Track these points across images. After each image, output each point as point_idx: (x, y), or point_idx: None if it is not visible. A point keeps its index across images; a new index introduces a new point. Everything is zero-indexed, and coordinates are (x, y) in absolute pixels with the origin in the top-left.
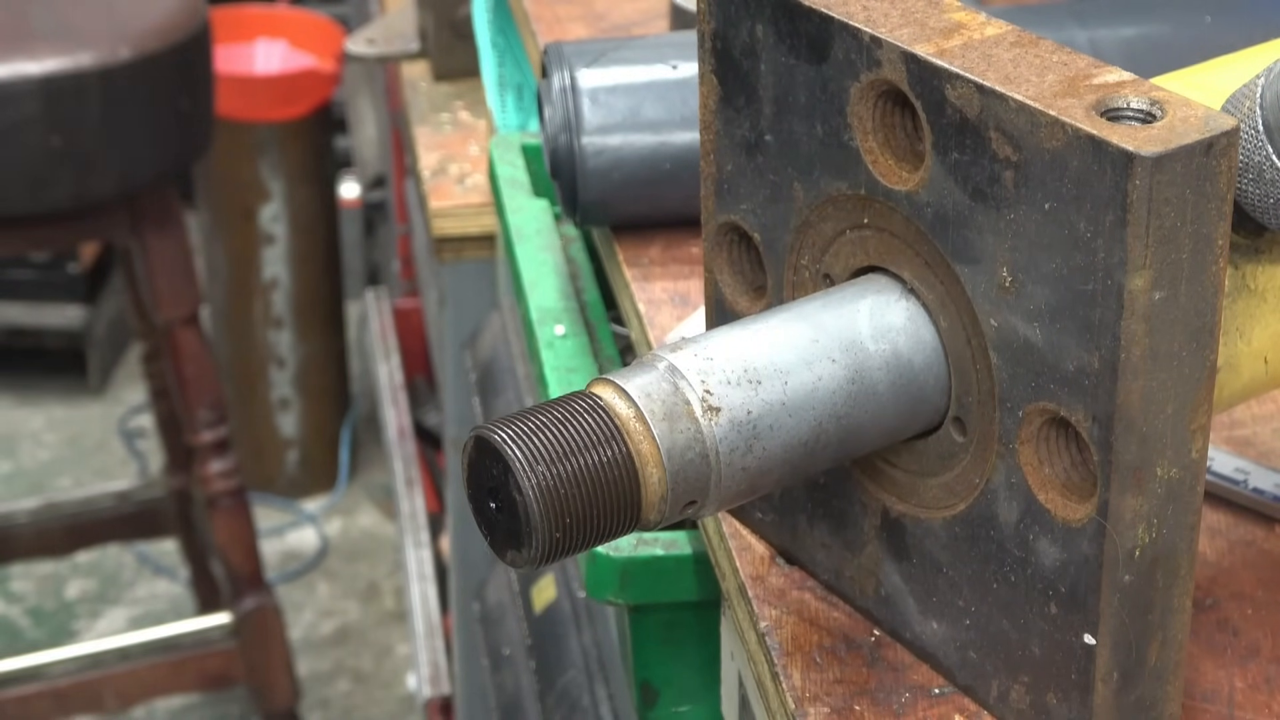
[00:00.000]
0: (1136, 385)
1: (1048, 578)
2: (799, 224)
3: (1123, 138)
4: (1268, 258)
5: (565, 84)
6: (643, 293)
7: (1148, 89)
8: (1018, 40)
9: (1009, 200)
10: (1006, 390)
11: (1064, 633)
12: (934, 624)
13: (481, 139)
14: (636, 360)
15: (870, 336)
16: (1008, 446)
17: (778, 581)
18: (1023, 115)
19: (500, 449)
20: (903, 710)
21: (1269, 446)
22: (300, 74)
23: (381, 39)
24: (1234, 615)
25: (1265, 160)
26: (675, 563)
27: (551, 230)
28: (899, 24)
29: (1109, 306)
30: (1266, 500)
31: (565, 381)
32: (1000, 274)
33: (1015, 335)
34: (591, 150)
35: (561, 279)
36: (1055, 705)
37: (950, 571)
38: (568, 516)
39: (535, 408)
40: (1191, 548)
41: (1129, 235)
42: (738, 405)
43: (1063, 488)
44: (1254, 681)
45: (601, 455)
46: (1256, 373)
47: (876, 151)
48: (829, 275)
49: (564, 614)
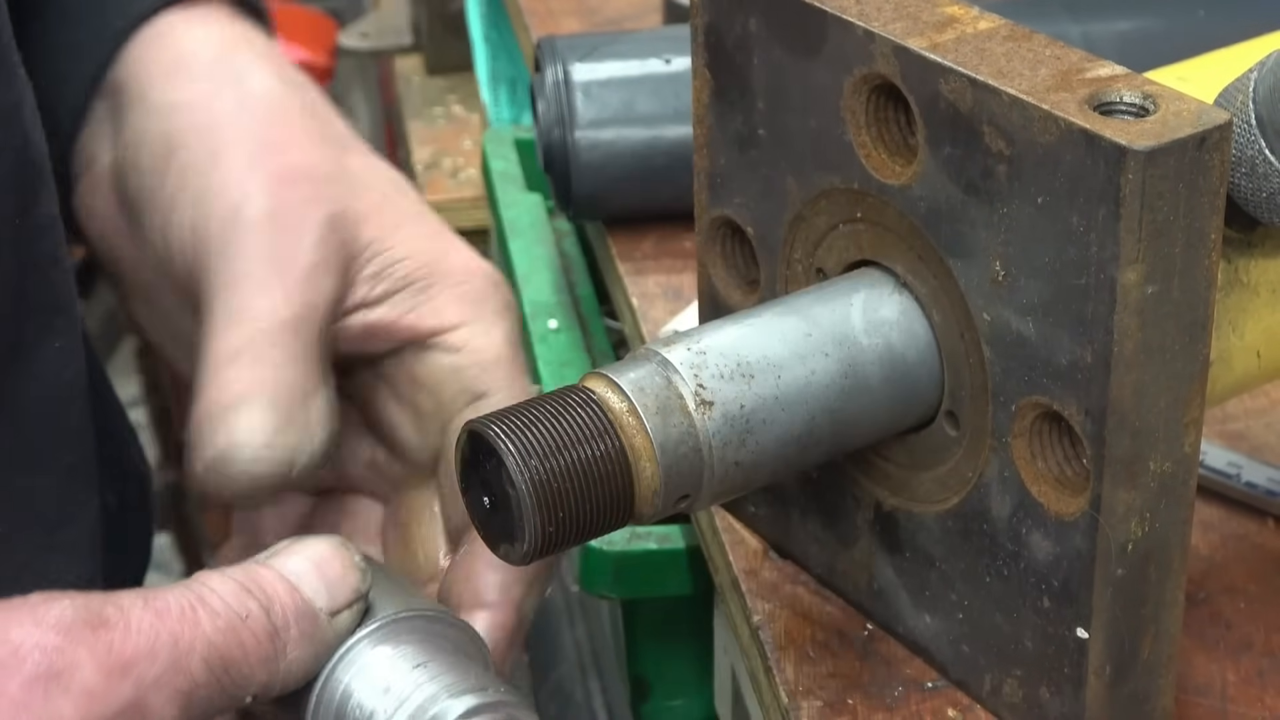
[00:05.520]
0: (1129, 379)
1: (1040, 571)
2: (792, 218)
3: (1115, 132)
4: (1260, 252)
5: (558, 78)
6: (636, 287)
7: (1141, 83)
8: (1011, 34)
9: (1002, 194)
10: (999, 384)
11: (1057, 626)
12: (927, 618)
13: (475, 133)
14: (630, 354)
15: (863, 330)
16: (1001, 440)
17: (771, 575)
18: (1016, 109)
19: (494, 443)
20: (896, 704)
21: (1262, 440)
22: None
23: (374, 33)
24: (1227, 609)
25: (1258, 154)
26: (668, 557)
27: (544, 224)
28: (892, 18)
29: (1101, 300)
30: (1259, 494)
31: (558, 376)
32: (993, 268)
33: (1008, 329)
34: (585, 144)
35: (554, 273)
36: (1048, 699)
37: (943, 565)
38: (561, 510)
39: (528, 402)
40: (1184, 542)
41: (1122, 229)
42: (731, 399)
43: (1056, 482)
44: (1246, 675)
45: (595, 449)
46: (1249, 367)
47: (869, 146)
48: (822, 269)
49: (557, 607)
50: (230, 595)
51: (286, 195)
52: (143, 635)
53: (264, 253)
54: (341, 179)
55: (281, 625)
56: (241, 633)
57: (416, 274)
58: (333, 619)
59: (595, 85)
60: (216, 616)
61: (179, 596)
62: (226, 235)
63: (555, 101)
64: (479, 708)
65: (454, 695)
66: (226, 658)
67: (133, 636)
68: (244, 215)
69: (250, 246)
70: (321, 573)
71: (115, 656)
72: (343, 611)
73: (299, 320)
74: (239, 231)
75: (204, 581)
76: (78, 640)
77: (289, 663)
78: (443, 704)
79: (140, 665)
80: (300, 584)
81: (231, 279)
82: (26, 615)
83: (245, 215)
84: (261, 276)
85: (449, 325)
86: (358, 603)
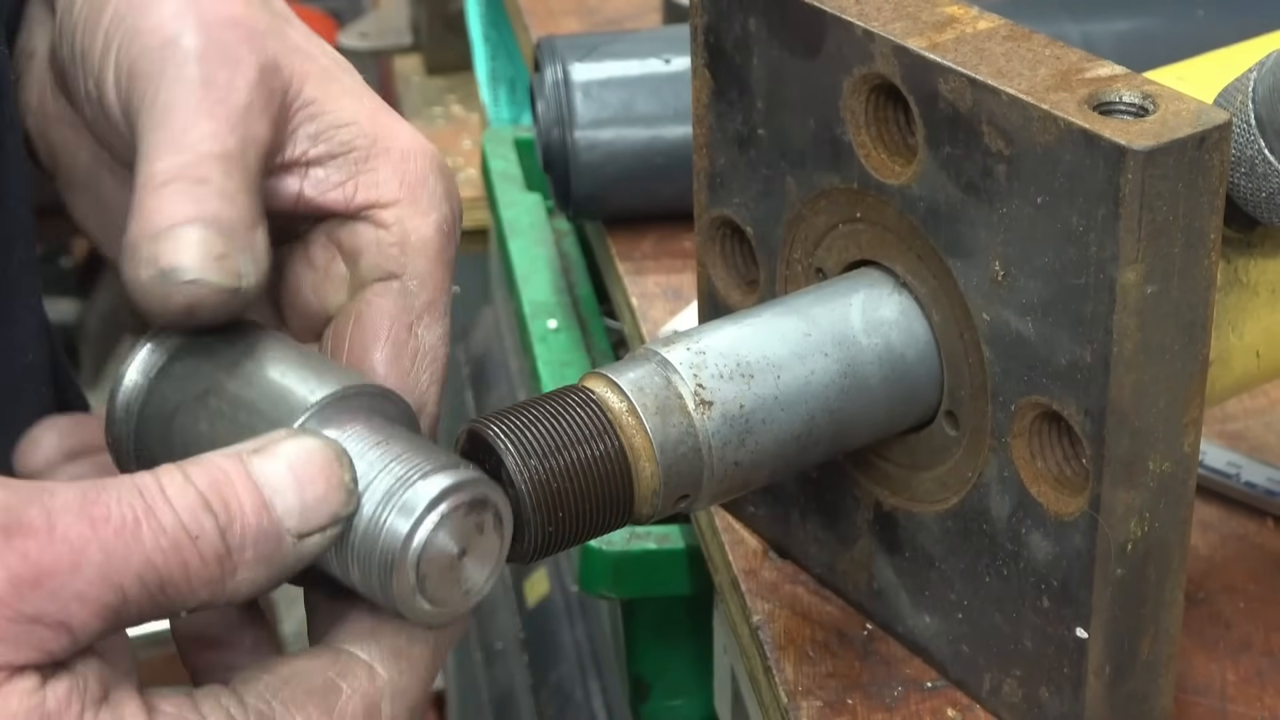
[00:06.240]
0: (1129, 379)
1: (1040, 571)
2: (791, 218)
3: (1115, 132)
4: (1260, 251)
5: (558, 78)
6: (635, 287)
7: (1140, 83)
8: (1010, 34)
9: (1001, 194)
10: (999, 384)
11: (1056, 626)
12: (926, 618)
13: (474, 133)
14: (629, 354)
15: (863, 330)
16: (1000, 440)
17: (770, 575)
18: (1015, 109)
19: (493, 443)
20: (895, 704)
21: (1261, 440)
22: None
23: (374, 33)
24: (1226, 609)
25: (1257, 154)
26: (668, 557)
27: (544, 224)
28: (891, 18)
29: (1101, 300)
30: (1259, 494)
31: (558, 376)
32: (992, 268)
33: (1007, 329)
34: (584, 144)
35: (554, 273)
36: (1048, 699)
37: (943, 565)
38: (560, 510)
39: (528, 402)
40: (1184, 541)
41: (1121, 229)
42: (730, 399)
43: (1055, 481)
44: (1246, 675)
45: (594, 449)
46: (1248, 366)
47: (869, 145)
48: (821, 269)
49: (557, 608)
50: (185, 509)
51: (221, 36)
52: (67, 545)
53: (200, 84)
54: (280, 36)
55: (236, 547)
56: (186, 553)
57: (358, 142)
58: (299, 541)
59: (595, 85)
60: (161, 533)
61: (124, 503)
62: (160, 69)
63: (555, 101)
64: (451, 489)
65: (424, 476)
66: (165, 577)
67: (54, 545)
68: (178, 50)
69: (185, 78)
70: (301, 489)
71: (29, 566)
72: (313, 535)
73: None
74: (173, 65)
75: (163, 485)
76: None
77: (236, 583)
78: (415, 486)
79: (60, 577)
80: (273, 500)
81: (168, 108)
82: None
83: (179, 49)
84: (197, 106)
85: (384, 201)
86: (332, 528)
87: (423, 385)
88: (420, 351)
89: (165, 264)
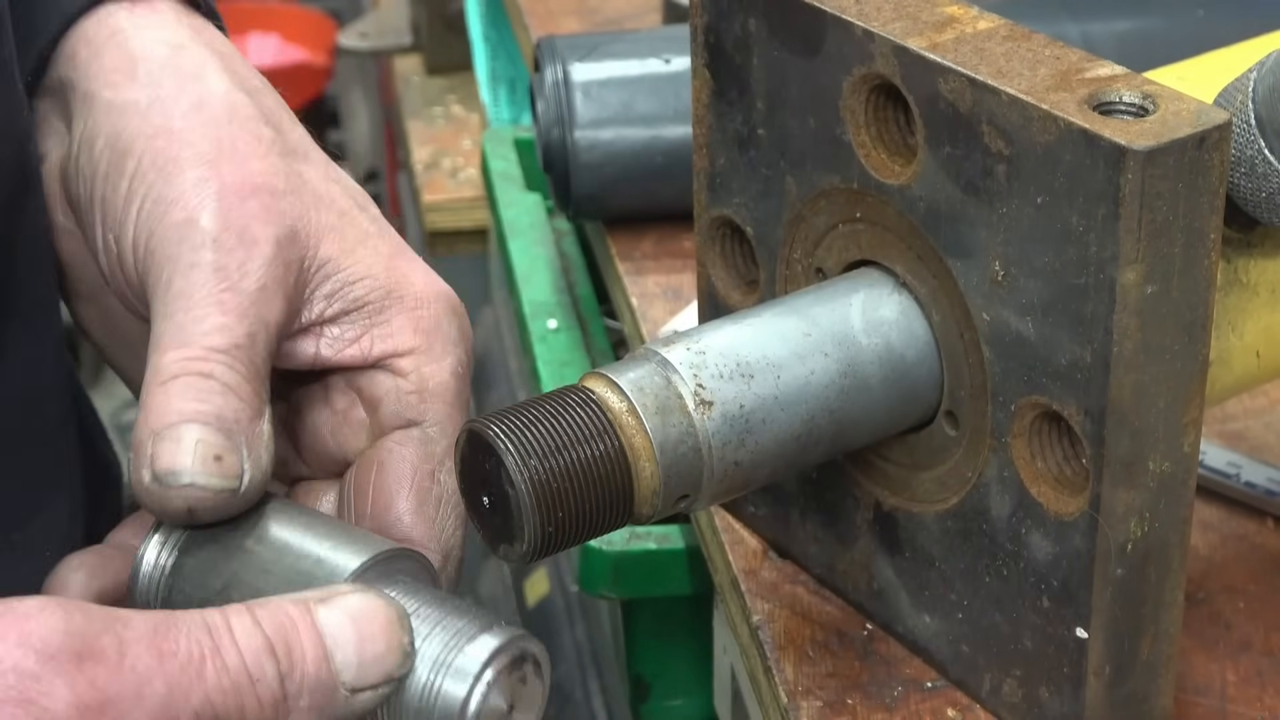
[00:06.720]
0: (1129, 379)
1: (1040, 571)
2: (791, 218)
3: (1115, 132)
4: (1260, 251)
5: (558, 78)
6: (635, 287)
7: (1140, 83)
8: (1010, 34)
9: (1001, 194)
10: (999, 384)
11: (1056, 626)
12: (926, 618)
13: (474, 133)
14: (629, 354)
15: (863, 330)
16: (1000, 440)
17: (770, 575)
18: (1015, 109)
19: (493, 443)
20: (895, 704)
21: (1261, 440)
22: (292, 68)
23: (374, 33)
24: (1226, 609)
25: (1257, 154)
26: (668, 557)
27: (544, 224)
28: (891, 18)
29: (1101, 300)
30: (1259, 494)
31: (558, 376)
32: (992, 268)
33: (1007, 329)
34: (584, 144)
35: (554, 273)
36: (1047, 699)
37: (942, 565)
38: (560, 510)
39: (528, 402)
40: (1184, 541)
41: (1121, 229)
42: (730, 399)
43: (1055, 481)
44: (1246, 675)
45: (594, 449)
46: (1248, 366)
47: (869, 145)
48: (821, 269)
49: (557, 608)
50: (250, 651)
51: (239, 211)
52: (134, 675)
53: (213, 271)
54: (298, 192)
55: (294, 694)
56: (245, 695)
57: (372, 296)
58: (351, 695)
59: (595, 85)
60: (224, 673)
61: (193, 639)
62: (177, 250)
63: (555, 101)
64: (498, 651)
65: (470, 639)
66: (221, 716)
67: (123, 675)
68: (195, 231)
69: (200, 264)
70: (361, 645)
71: (96, 693)
72: (366, 692)
73: (245, 343)
74: (190, 247)
75: (231, 625)
76: (57, 670)
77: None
78: (464, 651)
79: (122, 705)
80: (334, 652)
81: (180, 297)
82: (14, 630)
83: (196, 231)
84: (209, 295)
85: (400, 351)
86: (385, 686)
87: (449, 530)
88: (444, 498)
89: (162, 467)
